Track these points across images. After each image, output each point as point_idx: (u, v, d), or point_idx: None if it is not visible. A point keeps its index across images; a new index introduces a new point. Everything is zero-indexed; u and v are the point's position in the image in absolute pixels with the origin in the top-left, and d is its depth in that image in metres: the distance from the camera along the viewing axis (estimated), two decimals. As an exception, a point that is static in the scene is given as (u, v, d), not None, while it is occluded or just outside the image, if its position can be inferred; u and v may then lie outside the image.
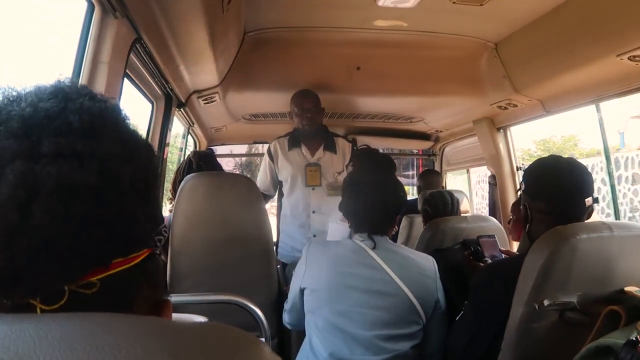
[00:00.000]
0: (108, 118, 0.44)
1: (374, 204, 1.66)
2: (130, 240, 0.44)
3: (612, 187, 2.83)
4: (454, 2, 2.04)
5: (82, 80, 1.29)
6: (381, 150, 3.68)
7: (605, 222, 1.36)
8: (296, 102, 2.77)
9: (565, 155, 1.57)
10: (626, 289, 1.24)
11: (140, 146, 0.47)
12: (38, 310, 0.40)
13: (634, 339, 0.92)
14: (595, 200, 1.46)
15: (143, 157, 0.46)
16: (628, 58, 1.87)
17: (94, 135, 0.41)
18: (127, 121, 0.47)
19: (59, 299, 0.41)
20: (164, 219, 2.10)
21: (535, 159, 1.65)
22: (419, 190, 3.59)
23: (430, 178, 3.69)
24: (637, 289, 1.23)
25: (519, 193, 1.66)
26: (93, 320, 0.36)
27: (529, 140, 17.00)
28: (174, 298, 1.47)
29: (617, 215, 2.69)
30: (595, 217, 1.53)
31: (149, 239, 0.48)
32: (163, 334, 0.36)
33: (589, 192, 1.44)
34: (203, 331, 0.39)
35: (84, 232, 0.39)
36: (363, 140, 3.94)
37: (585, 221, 1.44)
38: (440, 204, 2.44)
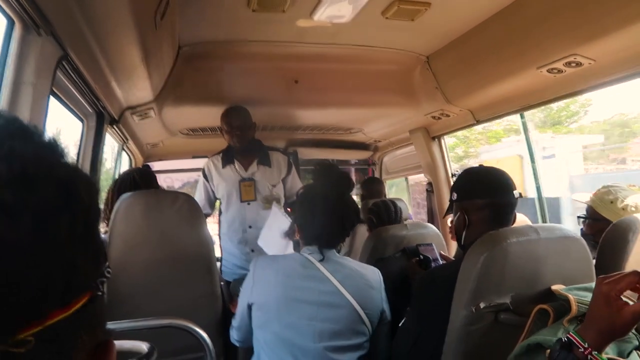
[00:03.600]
0: (43, 161, 0.40)
1: (331, 220, 1.67)
2: (69, 288, 0.40)
3: (538, 188, 3.02)
4: (386, 18, 2.11)
5: (3, 102, 1.20)
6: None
7: (532, 225, 1.45)
8: (225, 120, 2.78)
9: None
10: (553, 287, 1.32)
11: (79, 187, 0.42)
12: None
13: (565, 339, 0.97)
14: (520, 195, 1.58)
15: (83, 198, 0.42)
16: (547, 70, 2.01)
17: (27, 184, 0.37)
18: (64, 159, 0.42)
19: None
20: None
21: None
22: (362, 199, 3.64)
23: (373, 186, 3.73)
24: (562, 287, 1.31)
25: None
26: None
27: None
28: (112, 325, 1.40)
29: (543, 218, 2.87)
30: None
31: (90, 282, 0.44)
32: None
33: (514, 186, 1.59)
34: None
35: (15, 291, 0.35)
36: (304, 152, 3.97)
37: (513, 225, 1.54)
38: (384, 213, 2.50)
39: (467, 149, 12.45)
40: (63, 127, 2.29)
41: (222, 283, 2.57)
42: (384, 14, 2.08)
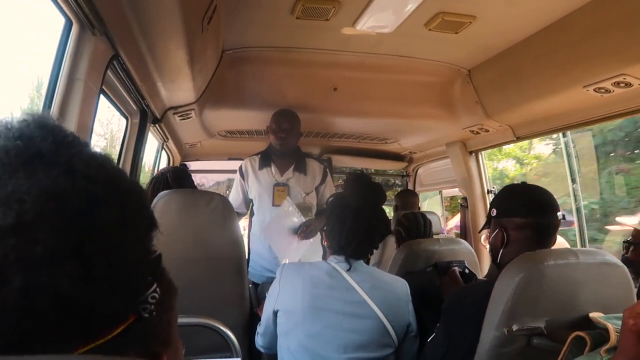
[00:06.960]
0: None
1: (361, 231, 1.65)
2: (114, 314, 0.42)
3: (578, 210, 2.92)
4: (430, 29, 2.10)
5: (57, 97, 1.26)
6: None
7: (571, 249, 1.40)
8: (275, 119, 2.77)
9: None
10: (591, 315, 1.27)
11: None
12: None
13: None
14: (563, 216, 1.53)
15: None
16: (594, 90, 1.96)
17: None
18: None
19: None
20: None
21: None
22: (395, 209, 3.61)
23: (407, 198, 3.69)
24: (601, 315, 1.26)
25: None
26: None
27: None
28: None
29: (583, 242, 2.77)
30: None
31: (133, 307, 0.44)
32: None
33: (558, 207, 1.53)
34: None
35: (73, 318, 0.38)
36: (338, 160, 3.98)
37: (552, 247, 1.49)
38: (413, 226, 2.45)
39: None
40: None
41: (250, 285, 2.58)
42: (427, 25, 2.07)
